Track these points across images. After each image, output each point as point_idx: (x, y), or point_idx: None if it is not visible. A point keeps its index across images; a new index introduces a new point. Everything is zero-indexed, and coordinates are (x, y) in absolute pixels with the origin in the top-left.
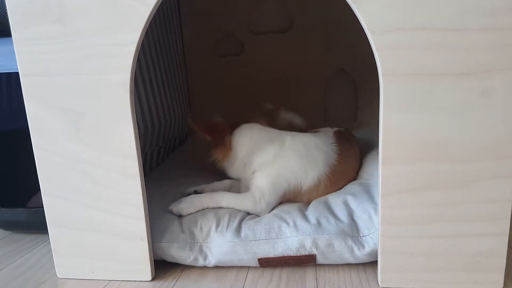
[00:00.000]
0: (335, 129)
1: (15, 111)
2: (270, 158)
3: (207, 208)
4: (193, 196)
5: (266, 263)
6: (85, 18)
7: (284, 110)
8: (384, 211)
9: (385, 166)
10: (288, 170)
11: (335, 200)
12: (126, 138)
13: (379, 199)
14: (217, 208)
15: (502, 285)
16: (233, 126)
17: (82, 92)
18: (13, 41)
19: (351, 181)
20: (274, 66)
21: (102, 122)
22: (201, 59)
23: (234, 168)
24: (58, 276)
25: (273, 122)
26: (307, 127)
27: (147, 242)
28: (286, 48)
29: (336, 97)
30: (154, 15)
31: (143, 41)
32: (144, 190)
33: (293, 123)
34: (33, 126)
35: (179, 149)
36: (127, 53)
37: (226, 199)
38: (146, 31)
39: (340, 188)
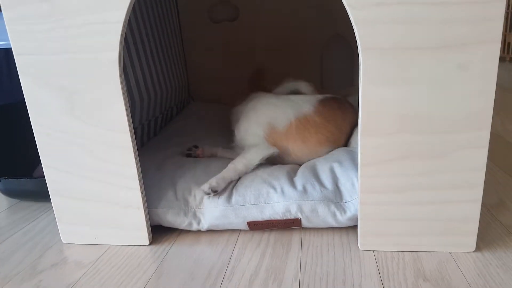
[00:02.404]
0: (331, 95)
1: (19, 84)
2: (244, 114)
3: (232, 180)
4: (215, 177)
5: (255, 226)
6: None
7: (290, 79)
8: (363, 180)
9: (364, 138)
10: (257, 117)
11: (323, 167)
12: (118, 113)
13: (358, 169)
14: (211, 175)
15: (474, 247)
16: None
17: (74, 70)
18: (5, 21)
19: (337, 137)
20: (270, 31)
21: (95, 99)
22: (196, 25)
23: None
24: (63, 242)
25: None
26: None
27: (143, 210)
28: (283, 13)
29: (332, 61)
30: None
31: (135, 9)
32: (138, 162)
33: (301, 91)
34: (30, 102)
35: (177, 118)
36: (114, 31)
37: (240, 164)
38: None
39: (323, 141)
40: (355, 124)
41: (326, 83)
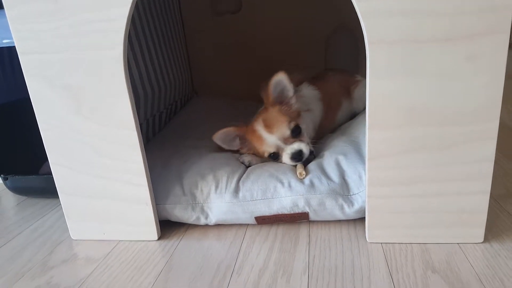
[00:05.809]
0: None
1: (24, 81)
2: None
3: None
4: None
5: (263, 220)
6: None
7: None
8: (370, 173)
9: (372, 131)
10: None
11: (328, 160)
12: (124, 111)
13: (366, 162)
14: (217, 169)
15: (483, 239)
16: None
17: (79, 68)
18: (8, 20)
19: (342, 90)
20: (274, 23)
21: (100, 96)
22: (198, 19)
23: None
24: (72, 238)
25: None
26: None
27: (151, 206)
28: (286, 4)
29: (337, 53)
30: None
31: (137, 3)
32: (145, 158)
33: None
34: (35, 101)
35: (181, 113)
36: (118, 28)
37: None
38: None
39: (340, 100)
40: (342, 74)
41: None
